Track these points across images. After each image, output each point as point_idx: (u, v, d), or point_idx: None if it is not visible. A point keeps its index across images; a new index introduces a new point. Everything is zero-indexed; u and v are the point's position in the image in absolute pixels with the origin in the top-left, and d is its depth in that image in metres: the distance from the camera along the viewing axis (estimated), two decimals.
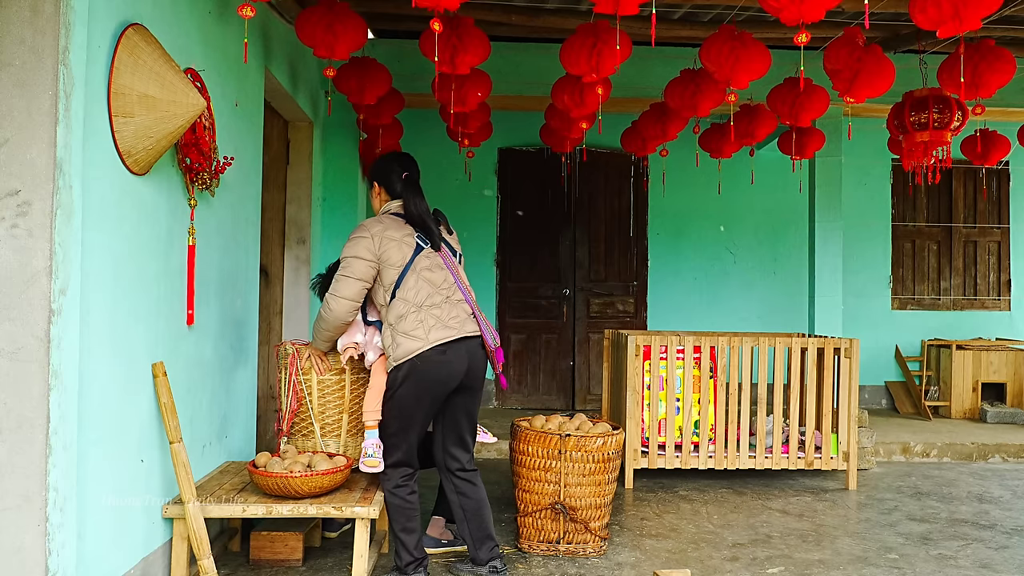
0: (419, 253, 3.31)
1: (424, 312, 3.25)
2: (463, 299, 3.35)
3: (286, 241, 5.50)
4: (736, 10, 5.26)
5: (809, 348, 5.35)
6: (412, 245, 3.31)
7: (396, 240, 3.30)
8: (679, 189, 7.77)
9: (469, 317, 3.34)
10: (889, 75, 4.19)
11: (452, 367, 3.26)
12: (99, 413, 2.61)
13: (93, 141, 2.52)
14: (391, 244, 3.28)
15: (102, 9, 2.54)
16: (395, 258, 3.28)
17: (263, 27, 4.35)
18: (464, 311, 3.34)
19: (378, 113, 5.15)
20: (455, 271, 3.39)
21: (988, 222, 8.40)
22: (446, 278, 3.34)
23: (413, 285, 3.27)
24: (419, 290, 3.27)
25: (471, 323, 3.34)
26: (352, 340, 3.52)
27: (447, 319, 3.27)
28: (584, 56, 4.02)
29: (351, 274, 3.29)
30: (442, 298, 3.30)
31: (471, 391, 3.39)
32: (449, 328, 3.26)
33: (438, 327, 3.24)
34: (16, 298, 2.31)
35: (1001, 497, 5.14)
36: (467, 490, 3.44)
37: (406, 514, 3.35)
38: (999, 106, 6.48)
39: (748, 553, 3.95)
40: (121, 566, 2.80)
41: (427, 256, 3.33)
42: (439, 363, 3.23)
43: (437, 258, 3.35)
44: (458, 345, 3.27)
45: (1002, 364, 7.61)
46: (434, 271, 3.32)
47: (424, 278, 3.29)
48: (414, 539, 3.35)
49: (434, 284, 3.30)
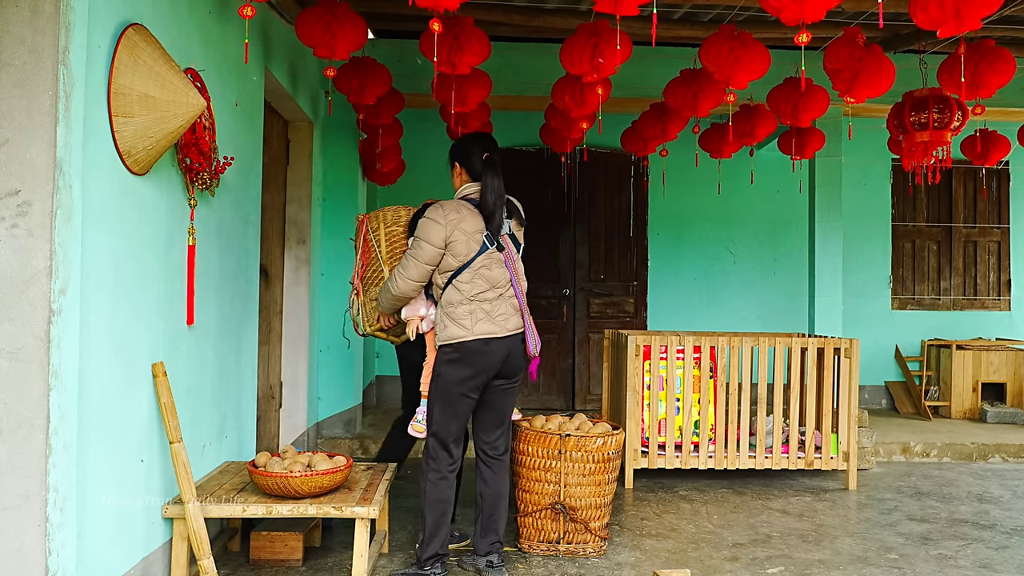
0: (483, 252, 3.41)
1: (475, 305, 3.39)
2: (514, 295, 3.47)
3: (286, 241, 5.49)
4: (736, 10, 5.26)
5: (809, 348, 5.35)
6: (479, 243, 3.41)
7: (466, 234, 3.39)
8: (679, 189, 7.77)
9: (516, 313, 3.47)
10: (889, 75, 4.19)
11: (493, 357, 3.39)
12: (99, 413, 2.61)
13: (93, 141, 2.52)
14: (461, 237, 3.38)
15: (102, 9, 2.54)
16: (460, 251, 3.39)
17: (263, 27, 4.35)
18: (512, 307, 3.46)
19: (378, 113, 5.15)
20: (513, 269, 3.48)
21: (988, 222, 8.40)
22: (503, 275, 3.45)
23: (470, 279, 3.39)
24: (475, 284, 3.40)
25: (516, 319, 3.46)
26: (416, 313, 3.65)
27: (495, 315, 3.40)
28: (584, 56, 4.02)
29: (419, 257, 3.40)
30: (496, 295, 3.42)
31: (508, 380, 3.50)
32: (495, 323, 3.39)
33: (485, 320, 3.38)
34: (16, 298, 2.31)
35: (1001, 497, 5.14)
36: (489, 477, 3.55)
37: (440, 508, 3.42)
38: (999, 106, 6.48)
39: (748, 553, 3.95)
40: (121, 566, 2.80)
41: (489, 255, 3.43)
42: (481, 352, 3.37)
43: (499, 256, 3.46)
44: (500, 340, 3.40)
45: (1002, 364, 7.61)
46: (493, 268, 3.43)
47: (482, 275, 3.41)
48: (443, 534, 3.42)
49: (490, 281, 3.42)
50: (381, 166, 6.13)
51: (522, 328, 3.47)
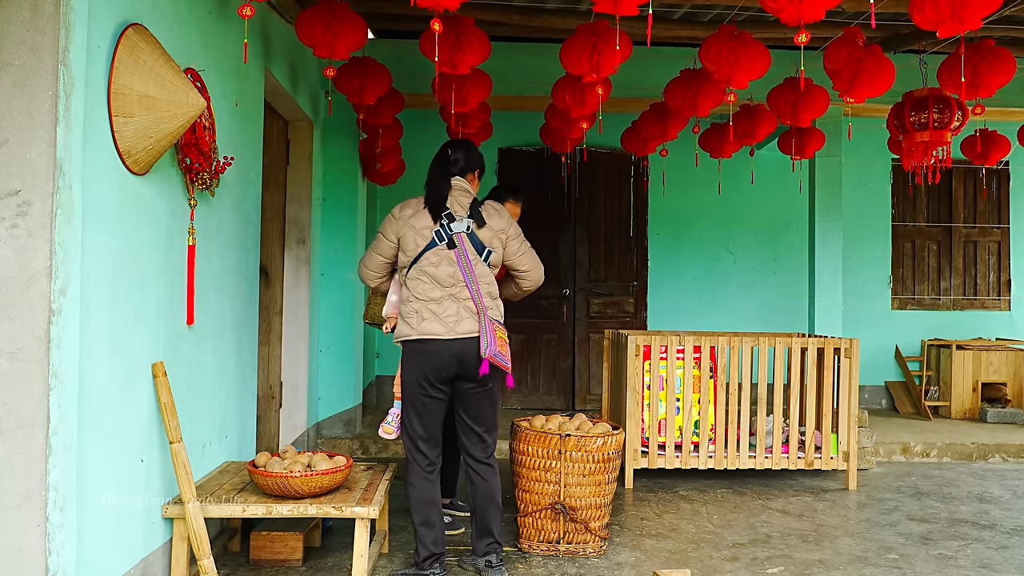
0: (431, 248, 3.38)
1: (420, 303, 3.37)
2: (468, 298, 3.38)
3: (286, 241, 5.49)
4: (736, 10, 5.26)
5: (809, 348, 5.35)
6: (427, 239, 3.39)
7: (415, 229, 3.41)
8: (679, 189, 7.77)
9: (471, 316, 3.37)
10: (889, 75, 4.19)
11: (440, 358, 3.35)
12: (99, 413, 2.61)
13: (93, 141, 2.52)
14: (409, 232, 3.42)
15: (102, 9, 2.54)
16: (408, 246, 3.43)
17: (263, 27, 4.35)
18: (466, 309, 3.37)
19: (378, 113, 5.15)
20: (468, 269, 3.39)
21: (988, 222, 8.40)
22: (453, 274, 3.38)
23: (416, 276, 3.39)
24: (419, 281, 3.38)
25: (470, 322, 3.36)
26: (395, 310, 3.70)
27: (442, 315, 3.35)
28: (584, 56, 4.02)
29: (374, 248, 3.55)
30: (442, 293, 3.37)
31: (473, 384, 3.42)
32: (441, 324, 3.35)
33: (431, 320, 3.35)
34: (16, 298, 2.31)
35: (1001, 497, 5.14)
36: (477, 481, 3.52)
37: (425, 508, 3.40)
38: (999, 106, 6.48)
39: (748, 553, 3.95)
40: (121, 566, 2.80)
41: (437, 252, 3.38)
42: (426, 352, 3.35)
43: (449, 254, 3.39)
44: (445, 342, 3.34)
45: (1002, 364, 7.61)
46: (440, 266, 3.37)
47: (426, 272, 3.37)
48: (432, 534, 3.40)
49: (435, 278, 3.37)
50: (381, 166, 6.13)
51: (475, 333, 3.35)
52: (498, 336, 3.39)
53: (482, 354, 3.33)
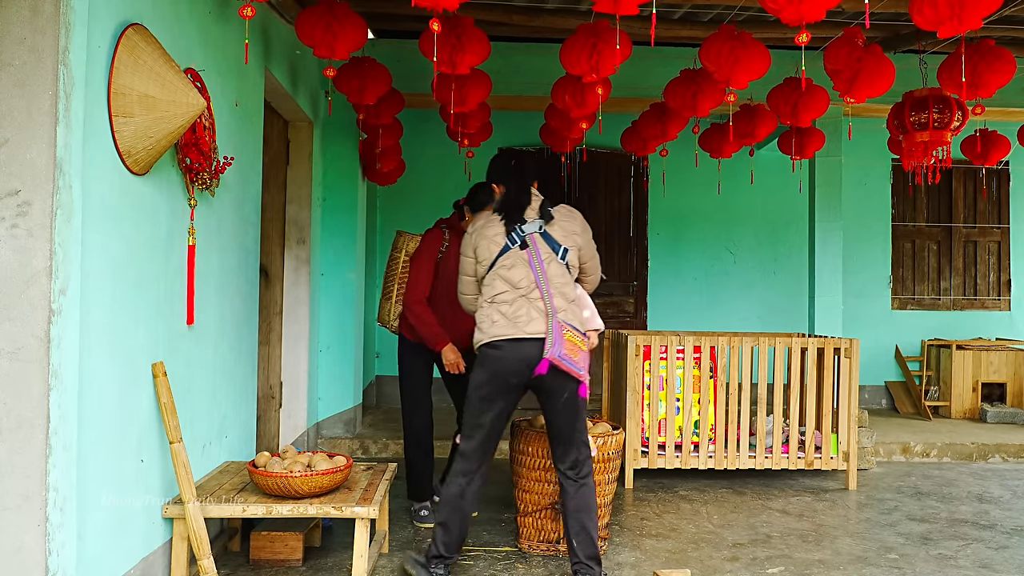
0: (505, 252, 3.39)
1: (492, 307, 3.36)
2: (539, 298, 3.33)
3: (286, 241, 5.49)
4: (736, 10, 5.26)
5: (809, 348, 5.35)
6: (500, 244, 3.41)
7: (488, 238, 3.44)
8: (679, 189, 7.77)
9: (540, 317, 3.31)
10: (889, 75, 4.19)
11: (507, 363, 3.30)
12: (99, 413, 2.61)
13: (93, 141, 2.51)
14: (483, 242, 3.46)
15: (102, 9, 2.54)
16: (483, 255, 3.45)
17: (263, 27, 4.35)
18: (537, 310, 3.32)
19: (378, 113, 5.15)
20: (539, 268, 3.35)
21: (988, 222, 8.40)
22: (526, 275, 3.36)
23: (490, 282, 3.41)
24: (493, 286, 3.39)
25: (537, 324, 3.30)
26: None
27: (513, 316, 3.32)
28: (584, 56, 4.02)
29: (461, 271, 3.59)
30: (515, 295, 3.35)
31: (548, 393, 3.35)
32: (513, 325, 3.31)
33: (501, 322, 3.32)
34: (16, 298, 2.31)
35: (1001, 497, 5.14)
36: (569, 490, 3.41)
37: (449, 510, 3.37)
38: (999, 106, 6.48)
39: (748, 553, 3.95)
40: (121, 566, 2.80)
41: (511, 255, 3.39)
42: (495, 358, 3.33)
43: (522, 255, 3.38)
44: (517, 344, 3.29)
45: (1002, 364, 7.61)
46: (513, 269, 3.37)
47: (501, 275, 3.38)
48: (447, 536, 3.38)
49: (510, 281, 3.36)
50: (381, 166, 6.13)
51: (542, 334, 3.26)
52: (568, 339, 3.28)
53: (544, 354, 3.26)
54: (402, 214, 7.70)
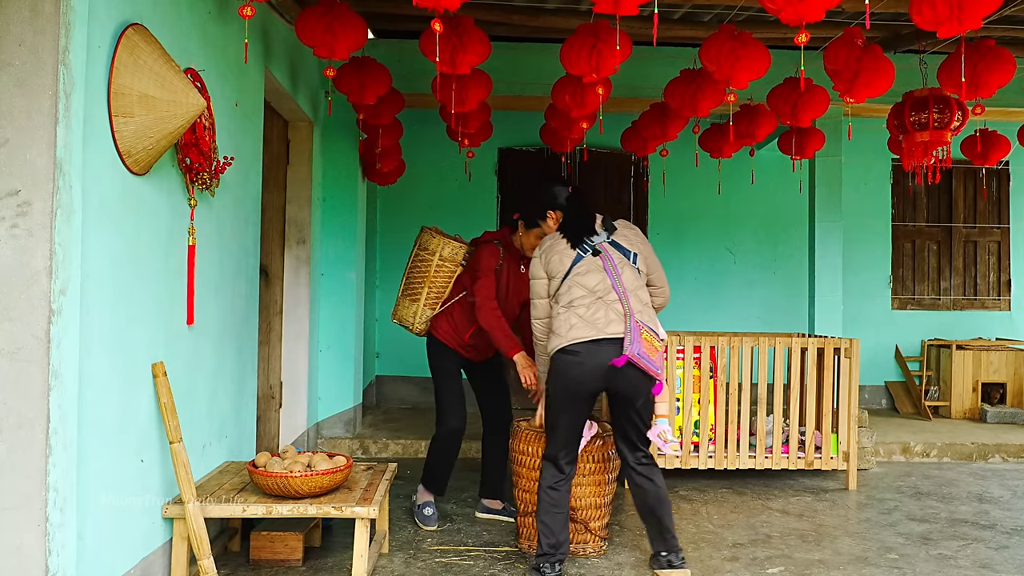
0: (578, 261, 3.48)
1: (570, 311, 3.41)
2: (616, 300, 3.42)
3: (286, 241, 5.49)
4: (736, 10, 5.26)
5: (809, 348, 5.35)
6: (572, 255, 3.50)
7: (558, 253, 3.53)
8: (679, 189, 7.77)
9: (618, 320, 3.39)
10: (889, 75, 4.19)
11: (584, 368, 3.36)
12: (99, 413, 2.61)
13: (93, 141, 2.52)
14: (554, 257, 3.53)
15: (102, 9, 2.54)
16: (557, 269, 3.52)
17: (263, 27, 4.35)
18: (615, 312, 3.40)
19: (378, 113, 5.14)
20: (614, 272, 3.46)
21: (988, 222, 8.40)
22: (602, 280, 3.45)
23: (566, 289, 3.47)
24: (570, 292, 3.45)
25: (616, 325, 3.38)
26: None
27: (591, 318, 3.38)
28: (584, 56, 4.02)
29: (534, 295, 3.62)
30: (592, 299, 3.42)
31: (627, 397, 3.44)
32: (592, 327, 3.37)
33: (579, 325, 3.38)
34: (16, 298, 2.31)
35: (1001, 497, 5.14)
36: (642, 483, 3.52)
37: (551, 511, 3.45)
38: (999, 106, 6.47)
39: (748, 553, 3.95)
40: (121, 566, 2.80)
41: (585, 263, 3.48)
42: (573, 364, 3.37)
43: (595, 262, 3.48)
44: (596, 346, 3.35)
45: (1002, 364, 7.61)
46: (589, 275, 3.45)
47: (577, 282, 3.45)
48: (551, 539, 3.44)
49: (586, 286, 3.44)
50: (381, 166, 6.13)
51: (621, 335, 3.36)
52: (645, 339, 3.38)
53: (624, 350, 3.35)
54: (402, 214, 7.70)
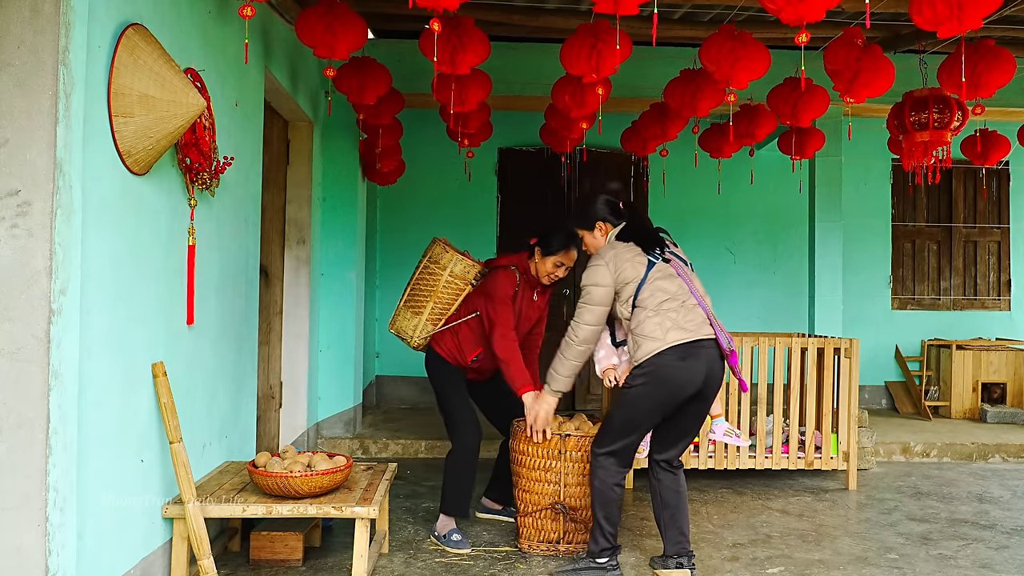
0: (652, 267, 3.51)
1: (662, 315, 3.43)
2: (697, 304, 3.49)
3: (286, 241, 5.50)
4: (736, 10, 5.26)
5: (809, 348, 5.35)
6: (644, 262, 3.52)
7: (628, 260, 3.53)
8: (679, 189, 7.77)
9: (704, 321, 3.46)
10: (889, 75, 4.19)
11: (691, 373, 3.39)
12: (99, 413, 2.61)
13: (93, 141, 2.52)
14: (625, 264, 3.52)
15: (102, 9, 2.54)
16: (630, 275, 3.50)
17: (263, 27, 4.35)
18: (700, 315, 3.47)
19: (378, 113, 5.14)
20: (688, 279, 3.55)
21: (988, 222, 8.40)
22: (680, 285, 3.51)
23: (650, 293, 3.48)
24: (655, 296, 3.45)
25: (707, 327, 3.45)
26: (610, 363, 3.83)
27: (683, 322, 3.42)
28: (584, 56, 4.02)
29: (591, 302, 3.56)
30: (678, 303, 3.46)
31: (705, 399, 3.50)
32: (685, 330, 3.40)
33: (675, 329, 3.40)
34: (16, 298, 2.31)
35: (1001, 497, 5.14)
36: (668, 481, 3.57)
37: (611, 505, 3.51)
38: (999, 106, 6.47)
39: (748, 553, 3.95)
40: (121, 566, 2.80)
41: (660, 268, 3.52)
42: (677, 368, 3.38)
43: (669, 268, 3.53)
44: (696, 349, 3.39)
45: (1002, 364, 7.61)
46: (667, 280, 3.50)
47: (658, 287, 3.47)
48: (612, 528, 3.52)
49: (668, 291, 3.47)
50: (381, 166, 6.13)
51: (714, 336, 3.44)
52: None
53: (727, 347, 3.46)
54: (402, 214, 7.70)
